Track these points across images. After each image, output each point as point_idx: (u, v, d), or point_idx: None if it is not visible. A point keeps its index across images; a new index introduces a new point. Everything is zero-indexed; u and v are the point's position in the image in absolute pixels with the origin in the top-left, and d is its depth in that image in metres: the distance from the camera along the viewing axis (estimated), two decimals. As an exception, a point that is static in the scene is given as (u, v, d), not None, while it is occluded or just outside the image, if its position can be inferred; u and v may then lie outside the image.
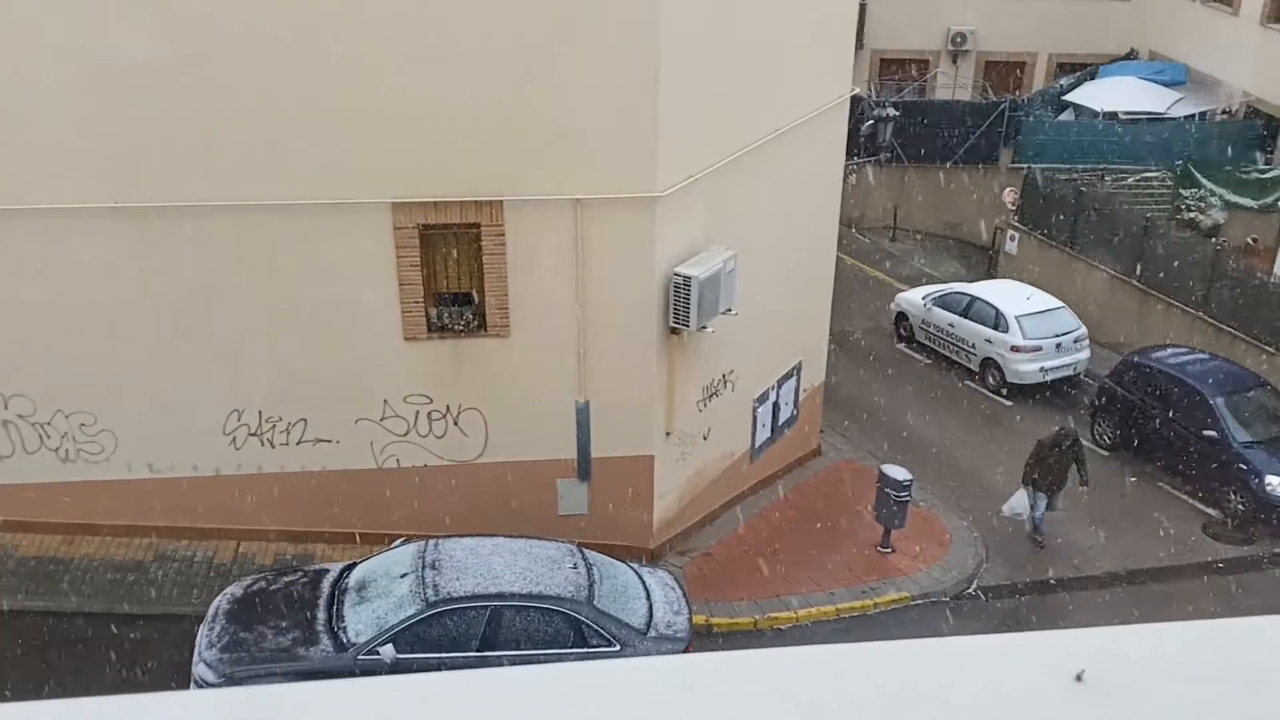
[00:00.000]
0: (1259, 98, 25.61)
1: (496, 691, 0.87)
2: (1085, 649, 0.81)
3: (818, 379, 17.33)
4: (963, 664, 0.82)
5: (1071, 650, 0.82)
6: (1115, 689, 0.77)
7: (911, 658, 0.84)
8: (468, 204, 12.53)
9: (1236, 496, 16.45)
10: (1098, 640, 0.84)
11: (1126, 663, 0.80)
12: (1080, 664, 0.79)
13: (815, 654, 0.84)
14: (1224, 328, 19.44)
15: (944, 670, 0.82)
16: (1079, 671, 0.79)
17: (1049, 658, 0.81)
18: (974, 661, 0.82)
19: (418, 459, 13.54)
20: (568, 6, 11.76)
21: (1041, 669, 0.80)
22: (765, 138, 13.94)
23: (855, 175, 23.62)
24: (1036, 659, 0.82)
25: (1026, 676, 0.80)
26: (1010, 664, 0.82)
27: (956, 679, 0.80)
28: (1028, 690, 0.79)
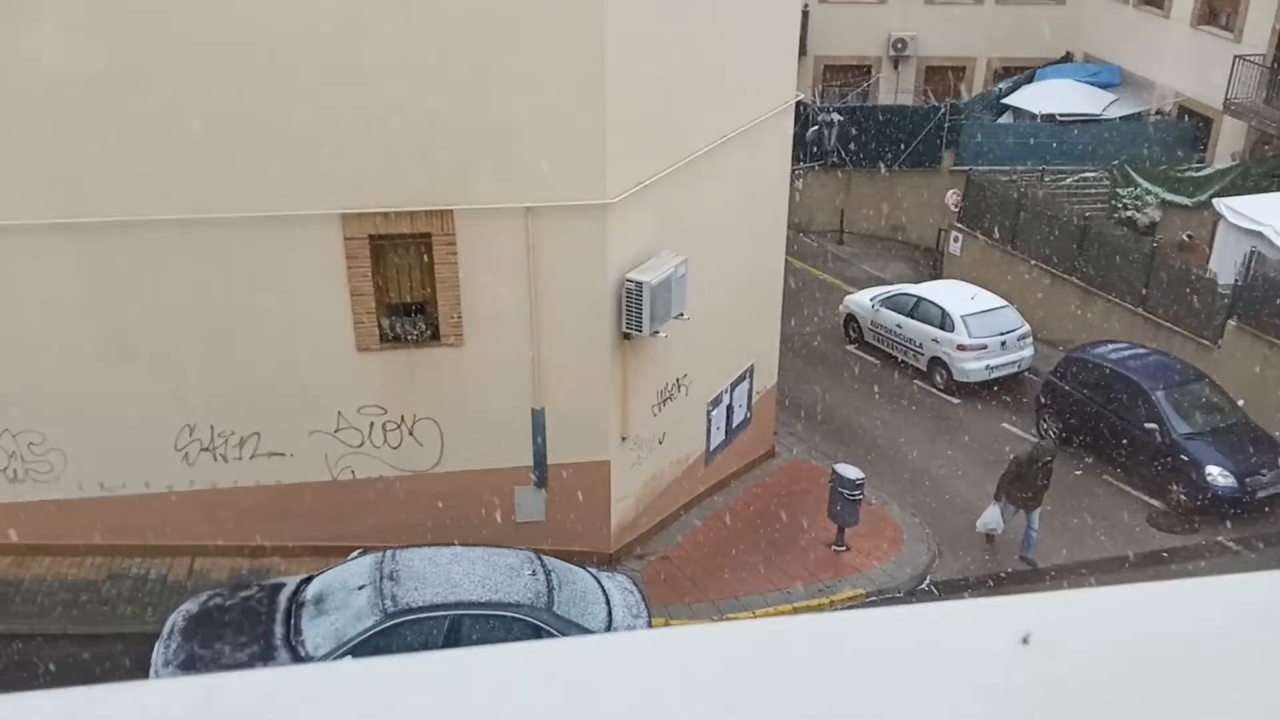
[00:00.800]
0: (1190, 98, 26.27)
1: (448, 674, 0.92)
2: (1031, 612, 0.90)
3: (770, 381, 17.52)
4: (906, 631, 0.90)
5: (1017, 614, 0.90)
6: (1062, 650, 0.86)
7: (855, 627, 0.92)
8: (418, 214, 12.54)
9: (1178, 487, 16.86)
10: (1043, 603, 0.92)
11: (1073, 624, 0.89)
12: (1026, 627, 0.88)
13: (758, 627, 0.92)
14: (1162, 323, 19.92)
15: (888, 638, 0.90)
16: (1025, 634, 0.88)
17: (994, 622, 0.90)
18: (918, 628, 0.90)
19: (373, 470, 13.51)
20: (514, 17, 11.83)
21: (987, 633, 0.88)
22: (713, 144, 14.10)
23: (802, 180, 23.88)
24: (982, 624, 0.91)
25: (972, 641, 0.88)
26: (955, 629, 0.90)
27: (900, 646, 0.88)
28: (974, 654, 0.87)
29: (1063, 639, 0.87)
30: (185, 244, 12.17)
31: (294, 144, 11.90)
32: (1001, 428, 19.18)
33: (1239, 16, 24.89)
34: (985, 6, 29.69)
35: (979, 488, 17.27)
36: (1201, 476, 16.56)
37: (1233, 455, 16.68)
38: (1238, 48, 24.42)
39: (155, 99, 11.53)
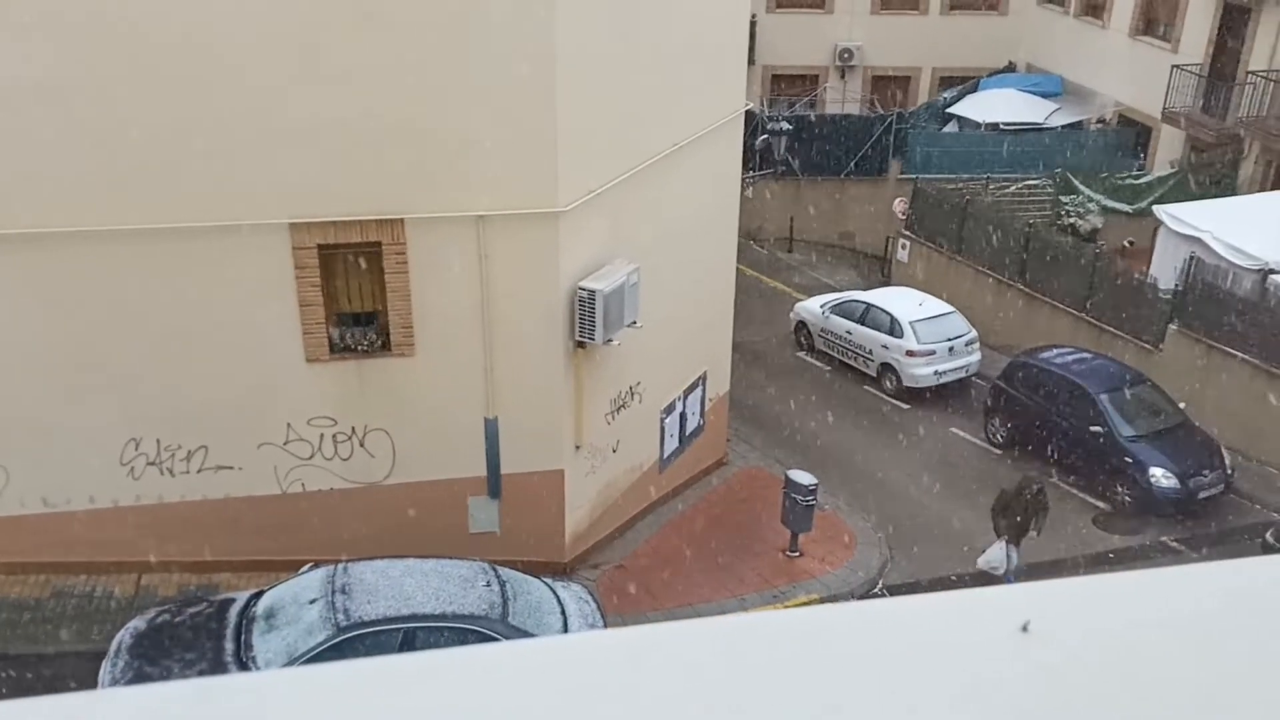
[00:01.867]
0: (1130, 106, 26.82)
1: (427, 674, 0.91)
2: (1031, 601, 0.91)
3: (722, 388, 17.58)
4: (907, 623, 0.91)
5: (1017, 603, 0.91)
6: (1062, 637, 0.87)
7: (854, 620, 0.92)
8: (368, 223, 12.44)
9: (1123, 489, 17.16)
10: (1043, 592, 0.94)
11: (1072, 612, 0.90)
12: (1026, 615, 0.89)
13: (756, 621, 0.92)
14: (1105, 327, 20.28)
15: (888, 630, 0.90)
16: (1025, 622, 0.89)
17: (994, 612, 0.91)
18: (918, 620, 0.91)
19: (324, 482, 13.35)
20: (463, 24, 11.79)
21: (987, 622, 0.89)
22: (664, 152, 14.14)
23: (752, 188, 24.02)
24: (982, 614, 0.91)
25: (972, 630, 0.89)
26: (955, 619, 0.91)
27: (901, 638, 0.89)
28: (974, 643, 0.88)
29: (1062, 626, 0.88)
30: (130, 254, 11.97)
31: (242, 153, 11.75)
32: (950, 432, 19.41)
33: (1176, 27, 25.47)
34: (929, 17, 30.12)
35: (929, 491, 17.46)
36: (1145, 478, 16.87)
37: (1175, 457, 17.01)
38: (1175, 57, 24.98)
39: (102, 107, 11.33)
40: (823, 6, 30.02)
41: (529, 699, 0.82)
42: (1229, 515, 17.11)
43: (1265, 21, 23.03)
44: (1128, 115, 27.03)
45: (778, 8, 29.85)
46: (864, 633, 0.90)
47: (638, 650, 0.88)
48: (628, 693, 0.81)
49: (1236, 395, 18.31)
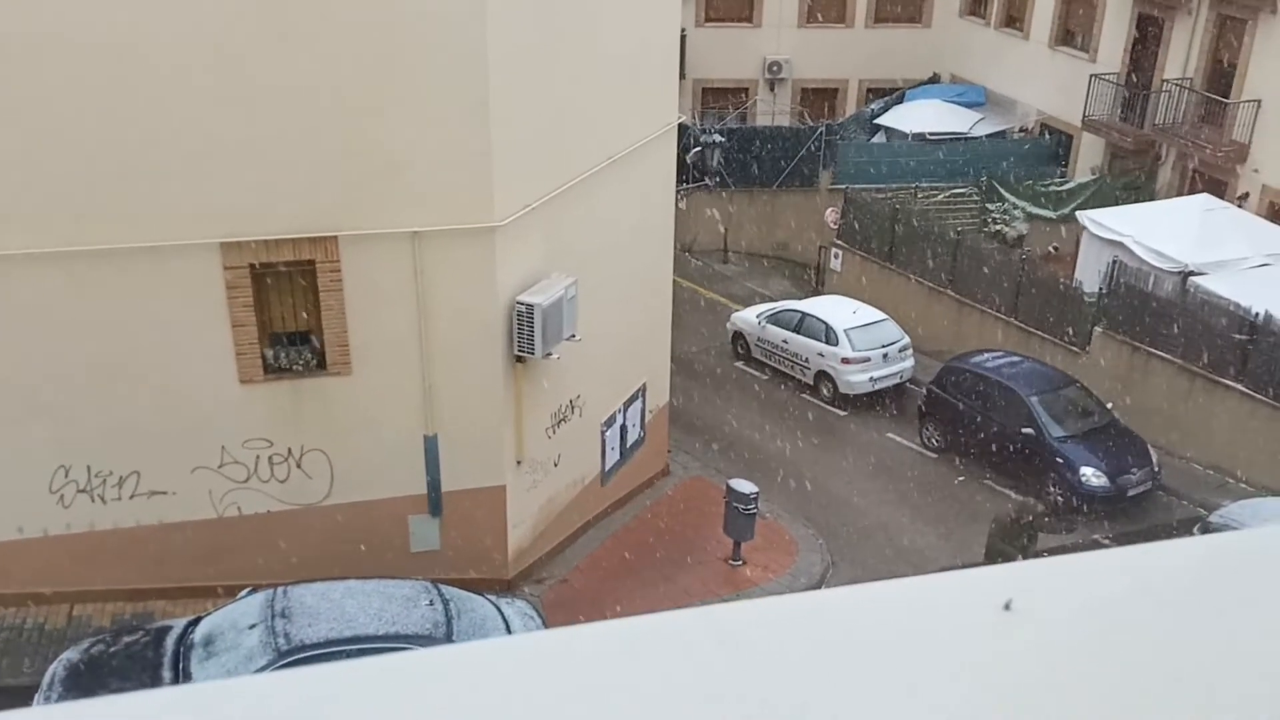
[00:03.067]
0: (1052, 115, 27.50)
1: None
2: (1013, 580, 0.95)
3: (662, 400, 17.64)
4: (891, 606, 0.94)
5: (999, 582, 0.95)
6: (1044, 614, 0.90)
7: (839, 604, 0.95)
8: (301, 241, 12.29)
9: (1055, 489, 17.51)
10: (1025, 572, 0.97)
11: (1054, 590, 0.94)
12: (1008, 594, 0.93)
13: (749, 608, 0.94)
14: (1034, 331, 20.72)
15: (873, 613, 0.93)
16: (1007, 601, 0.92)
17: (976, 592, 0.94)
18: (902, 602, 0.94)
19: (260, 505, 13.14)
20: (396, 40, 11.73)
21: (969, 602, 0.93)
22: (598, 165, 14.19)
23: (686, 200, 24.19)
24: (965, 594, 0.95)
25: (954, 610, 0.93)
26: (939, 601, 0.95)
27: (886, 621, 0.92)
28: (956, 622, 0.91)
29: (1043, 604, 0.92)
30: (56, 277, 11.69)
31: (169, 172, 11.55)
32: (887, 437, 19.68)
33: (1093, 38, 26.18)
34: (855, 30, 30.62)
35: (868, 496, 17.68)
36: (1077, 477, 17.24)
37: (1105, 456, 17.42)
38: (1093, 67, 25.68)
39: (24, 129, 11.08)
40: (751, 21, 30.37)
41: (530, 692, 0.83)
42: (1158, 511, 17.55)
43: (1178, 31, 23.78)
44: (1049, 124, 27.70)
45: (707, 22, 30.14)
46: (851, 616, 0.93)
47: (631, 640, 0.89)
48: (626, 683, 0.83)
49: (1161, 394, 18.81)
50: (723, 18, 30.27)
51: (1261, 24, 21.59)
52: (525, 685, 0.85)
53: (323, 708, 0.87)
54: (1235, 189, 22.25)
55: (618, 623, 0.88)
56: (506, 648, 0.92)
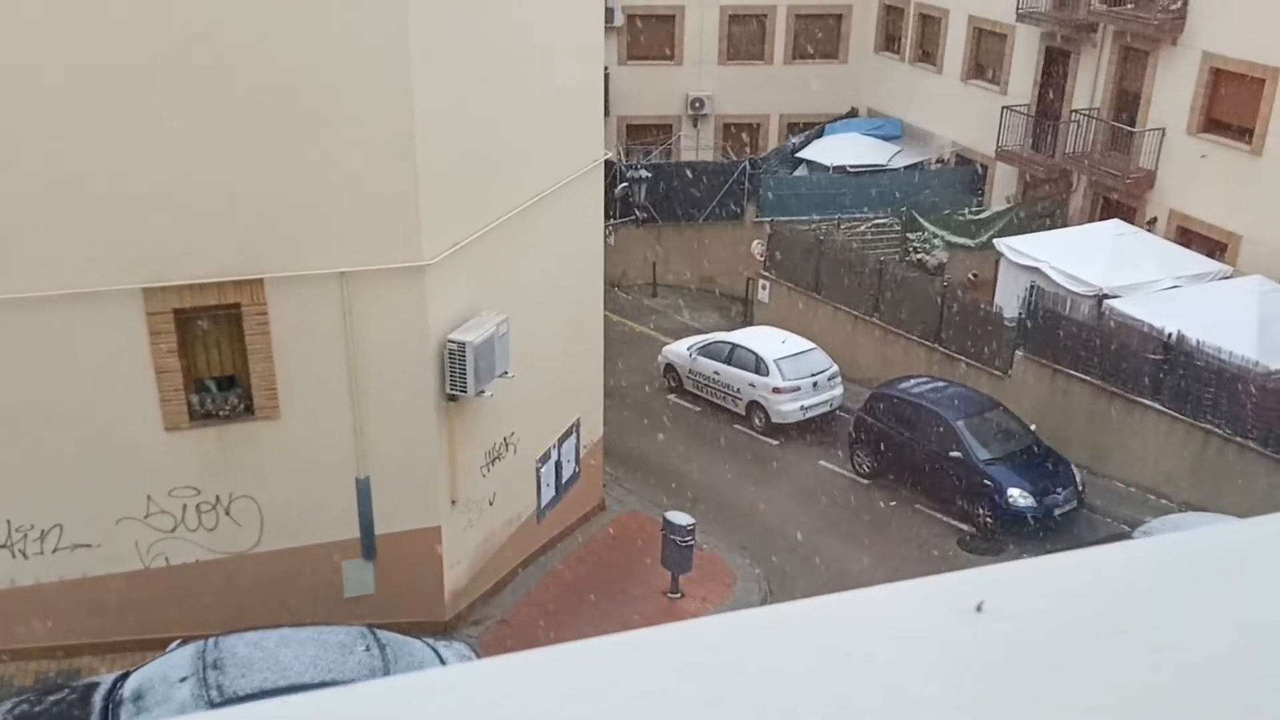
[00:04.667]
0: (967, 146, 28.25)
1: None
2: (984, 583, 1.00)
3: (596, 434, 17.64)
4: (865, 613, 0.98)
5: (970, 585, 0.99)
6: (1015, 614, 0.95)
7: (816, 613, 0.99)
8: (225, 284, 12.13)
9: (984, 510, 17.83)
10: (996, 574, 1.02)
11: (1025, 591, 0.99)
12: (979, 596, 0.97)
13: (733, 620, 0.98)
14: (958, 357, 21.15)
15: (848, 620, 0.97)
16: (979, 602, 0.97)
17: (949, 595, 0.99)
18: (878, 608, 0.98)
19: (189, 555, 12.84)
20: (319, 80, 11.68)
21: (941, 606, 0.97)
22: (527, 202, 14.24)
23: (614, 236, 24.34)
24: (938, 597, 0.99)
25: (926, 613, 0.97)
26: (914, 604, 0.99)
27: (861, 627, 0.96)
28: (928, 625, 0.95)
29: (1014, 603, 0.97)
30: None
31: (88, 217, 11.34)
32: (819, 465, 19.89)
33: (1003, 71, 27.00)
34: (775, 67, 31.22)
35: (802, 523, 17.83)
36: (1004, 499, 17.58)
37: (1030, 477, 17.79)
38: (1005, 99, 26.46)
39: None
40: (673, 59, 30.80)
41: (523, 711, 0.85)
42: (1083, 530, 17.96)
43: (1084, 64, 24.63)
44: (965, 154, 28.44)
45: (630, 60, 30.51)
46: (830, 623, 0.96)
47: (627, 654, 0.92)
48: (617, 697, 0.86)
49: (1082, 415, 19.30)
50: (645, 56, 30.67)
51: (1162, 55, 22.47)
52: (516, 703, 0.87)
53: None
54: (1144, 214, 23.03)
55: (610, 638, 0.91)
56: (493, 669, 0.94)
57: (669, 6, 30.39)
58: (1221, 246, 21.32)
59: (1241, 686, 0.89)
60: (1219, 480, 17.39)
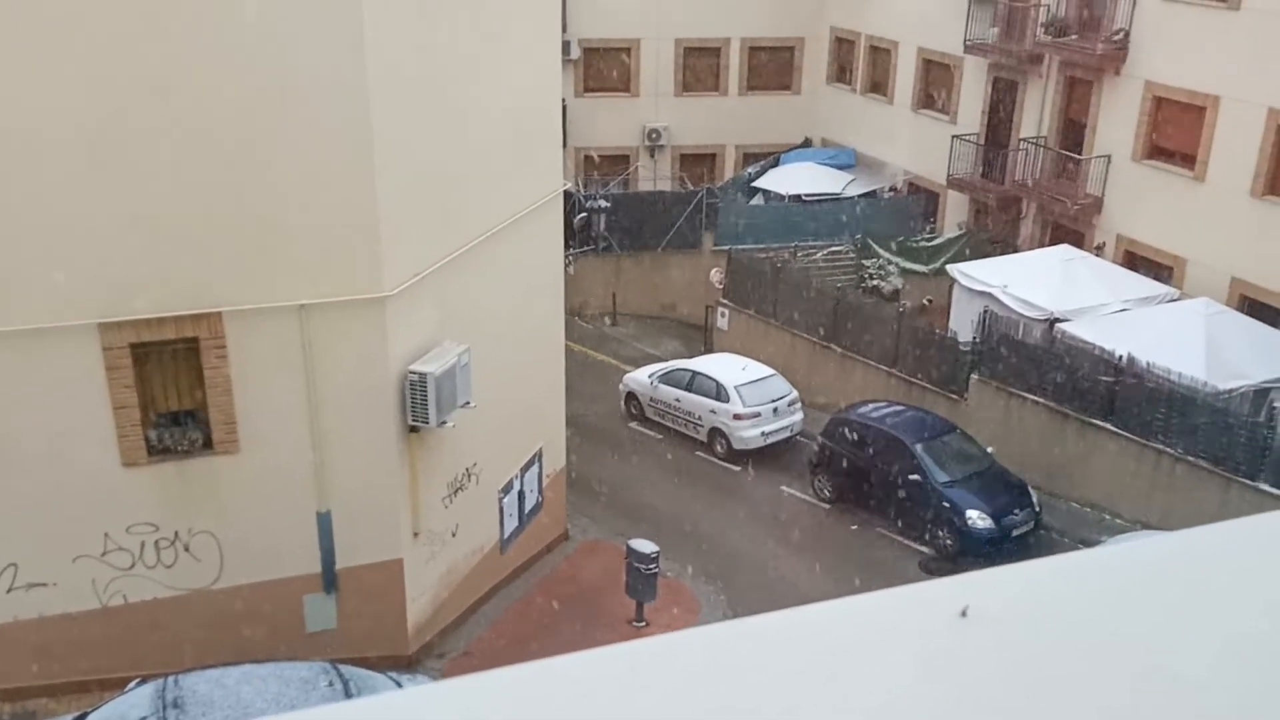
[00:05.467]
0: (918, 174, 28.69)
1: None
2: (969, 588, 1.06)
3: (559, 464, 17.63)
4: (854, 621, 1.03)
5: (956, 591, 1.05)
6: (1000, 618, 1.01)
7: (805, 621, 1.04)
8: (183, 318, 12.04)
9: (943, 532, 18.00)
10: (980, 579, 1.08)
11: (1011, 595, 1.05)
12: (964, 601, 1.03)
13: (710, 632, 1.03)
14: (914, 381, 21.40)
15: (838, 628, 1.03)
16: (964, 608, 1.03)
17: (935, 601, 1.05)
18: (865, 616, 1.04)
19: (147, 592, 12.66)
20: (276, 109, 11.67)
21: (926, 612, 1.03)
22: (487, 233, 14.28)
23: (574, 265, 24.42)
24: (925, 603, 1.05)
25: (911, 619, 1.03)
26: (902, 611, 1.05)
27: (850, 634, 1.01)
28: (913, 631, 1.01)
29: (997, 608, 1.03)
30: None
31: (42, 251, 11.23)
32: (781, 490, 19.99)
33: (953, 101, 27.50)
34: (729, 98, 31.59)
35: (766, 549, 17.89)
36: (963, 521, 17.76)
37: (988, 499, 18.00)
38: (954, 128, 26.94)
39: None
40: (629, 90, 31.07)
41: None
42: (1040, 550, 18.17)
43: (1031, 93, 25.16)
44: (917, 183, 28.88)
45: (586, 92, 30.73)
46: (822, 630, 1.02)
47: (601, 670, 0.97)
48: (622, 707, 0.90)
49: (1037, 437, 19.58)
50: (602, 88, 30.91)
51: (1106, 84, 23.01)
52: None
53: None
54: (1093, 239, 23.49)
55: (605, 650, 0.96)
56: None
57: (624, 40, 30.68)
58: (1168, 270, 21.79)
59: (1223, 688, 0.96)
60: (1172, 499, 17.70)
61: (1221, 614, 1.08)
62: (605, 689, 0.96)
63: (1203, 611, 1.09)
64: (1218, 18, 20.46)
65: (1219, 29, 20.42)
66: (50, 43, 10.75)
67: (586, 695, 0.95)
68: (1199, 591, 1.11)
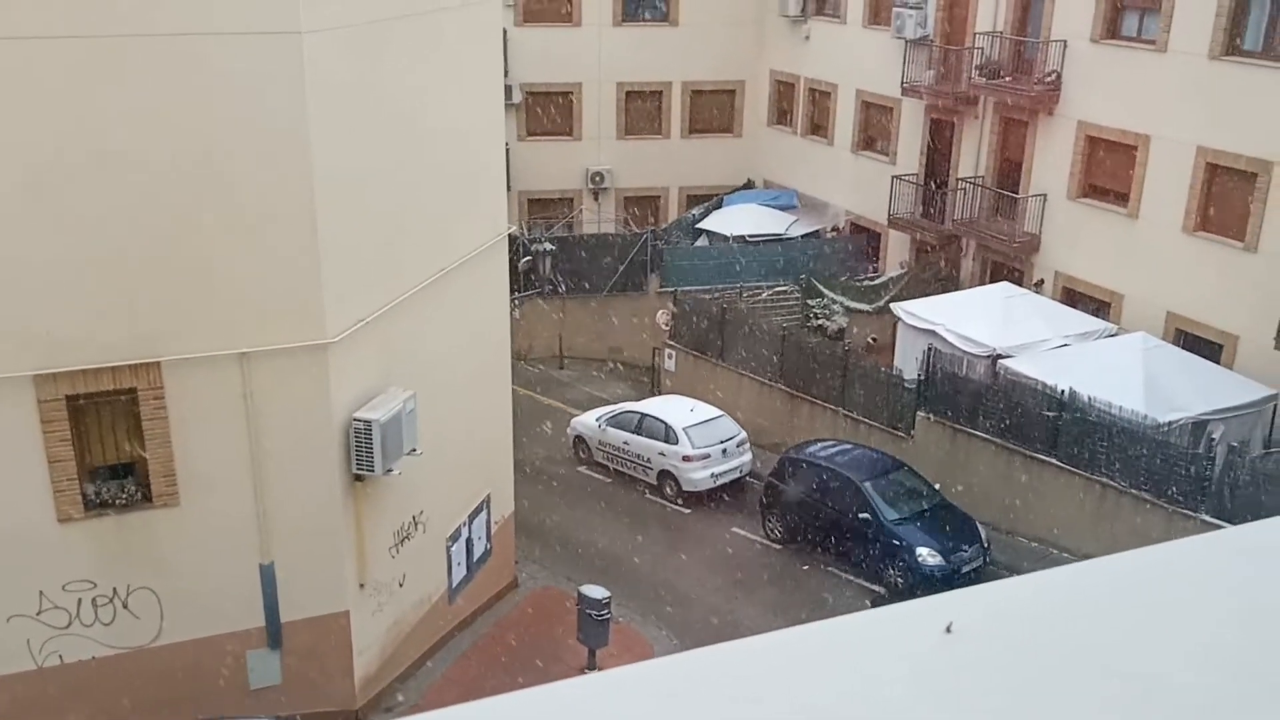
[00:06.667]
0: (860, 215, 29.10)
1: None
2: (953, 605, 1.03)
3: (507, 509, 17.45)
4: (845, 640, 1.00)
5: (940, 608, 1.03)
6: (983, 633, 0.99)
7: (798, 640, 1.01)
8: (121, 369, 11.80)
9: (894, 570, 18.05)
10: (964, 597, 1.06)
11: (993, 610, 1.03)
12: (949, 618, 1.01)
13: (700, 656, 0.99)
14: (861, 419, 21.54)
15: (829, 646, 1.00)
16: (948, 624, 1.00)
17: (921, 618, 1.02)
18: (855, 635, 1.01)
19: (85, 651, 12.26)
20: (218, 159, 11.54)
21: (912, 629, 1.00)
22: (431, 278, 14.20)
23: (520, 309, 24.36)
24: (910, 621, 1.03)
25: (897, 637, 1.00)
26: (882, 629, 1.02)
27: (842, 653, 0.98)
28: (900, 648, 0.98)
29: (980, 623, 1.00)
30: None
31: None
32: (732, 531, 19.95)
33: (892, 142, 27.99)
34: (672, 141, 31.90)
35: (718, 591, 17.81)
36: (913, 558, 17.82)
37: (938, 535, 18.09)
38: (894, 169, 27.40)
39: None
40: (572, 134, 31.26)
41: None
42: (990, 585, 18.27)
43: (968, 134, 25.69)
44: (859, 223, 29.28)
45: (529, 136, 30.87)
46: (807, 651, 0.98)
47: (610, 690, 0.92)
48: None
49: (983, 473, 19.77)
50: (545, 131, 31.07)
51: (1041, 125, 23.56)
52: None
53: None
54: (1031, 276, 23.93)
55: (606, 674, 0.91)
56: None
57: (566, 84, 30.90)
58: (1106, 305, 22.23)
59: (1194, 693, 0.94)
60: (1117, 531, 17.92)
61: (1188, 624, 1.07)
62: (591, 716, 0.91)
63: (1171, 622, 1.08)
64: (1146, 59, 21.08)
65: (1148, 70, 21.04)
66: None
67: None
68: (1167, 603, 1.11)
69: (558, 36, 30.42)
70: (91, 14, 10.70)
